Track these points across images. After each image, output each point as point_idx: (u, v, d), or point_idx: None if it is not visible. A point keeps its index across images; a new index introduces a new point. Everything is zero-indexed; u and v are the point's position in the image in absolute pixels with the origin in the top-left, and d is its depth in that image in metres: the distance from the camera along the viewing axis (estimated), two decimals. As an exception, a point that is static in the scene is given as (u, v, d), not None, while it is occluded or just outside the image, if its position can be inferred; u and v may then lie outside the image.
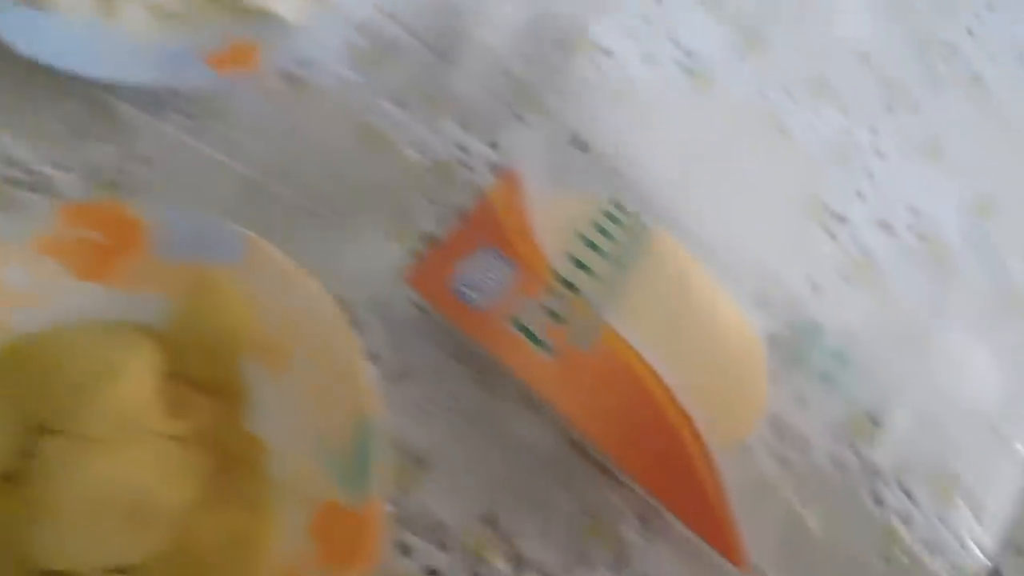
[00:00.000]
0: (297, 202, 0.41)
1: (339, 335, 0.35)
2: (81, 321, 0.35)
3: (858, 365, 0.42)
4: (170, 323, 0.35)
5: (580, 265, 0.38)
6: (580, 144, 0.43)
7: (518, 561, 0.35)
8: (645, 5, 0.50)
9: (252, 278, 0.35)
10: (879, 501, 0.39)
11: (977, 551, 0.38)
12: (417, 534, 0.35)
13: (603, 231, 0.40)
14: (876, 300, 0.45)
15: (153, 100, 0.42)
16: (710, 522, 0.35)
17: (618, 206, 0.41)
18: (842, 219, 0.46)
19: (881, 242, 0.46)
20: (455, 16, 0.47)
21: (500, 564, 0.35)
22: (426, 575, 0.34)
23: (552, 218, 0.40)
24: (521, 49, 0.47)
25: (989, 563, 0.38)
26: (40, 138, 0.41)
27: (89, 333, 0.34)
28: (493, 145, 0.44)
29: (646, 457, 0.35)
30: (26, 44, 0.40)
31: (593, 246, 0.39)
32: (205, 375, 0.35)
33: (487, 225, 0.39)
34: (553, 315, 0.37)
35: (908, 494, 0.39)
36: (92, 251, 0.35)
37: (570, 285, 0.38)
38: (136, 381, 0.32)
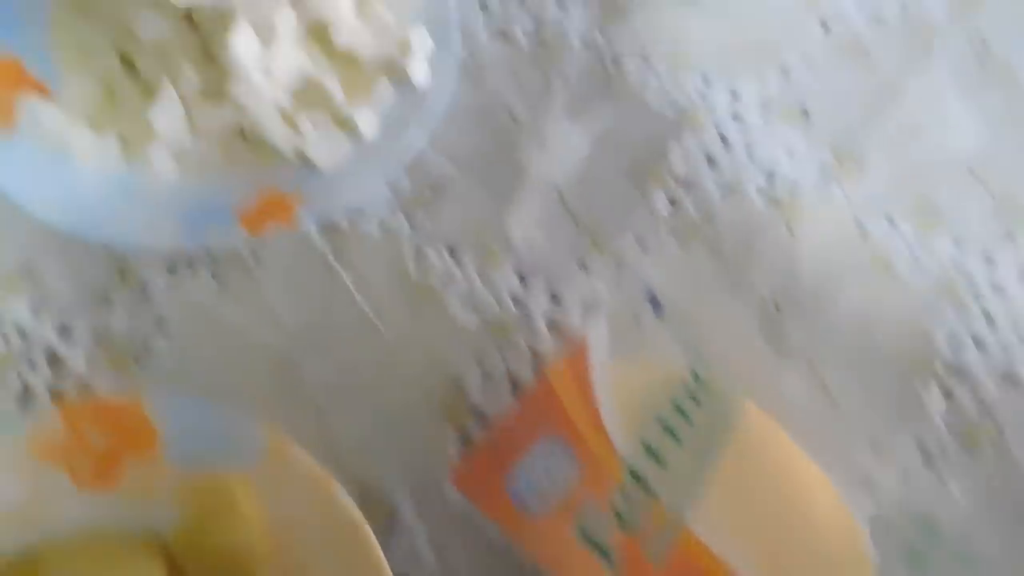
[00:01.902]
0: (331, 379, 0.37)
1: (363, 553, 0.31)
2: (80, 533, 0.31)
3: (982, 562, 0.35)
4: (178, 534, 0.32)
5: (654, 455, 0.33)
6: (655, 301, 0.38)
7: None
8: (723, 123, 0.45)
9: (270, 486, 0.32)
10: None
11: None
12: None
13: (681, 410, 0.35)
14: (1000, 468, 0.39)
15: (176, 257, 0.39)
16: None
17: (698, 378, 0.36)
18: (959, 372, 0.40)
19: (1010, 400, 0.39)
20: (512, 149, 0.43)
21: None
22: None
23: (622, 395, 0.35)
24: (587, 184, 0.42)
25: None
26: (47, 303, 0.38)
27: (89, 550, 0.31)
28: (555, 299, 0.39)
29: None
30: (38, 206, 0.37)
31: (670, 430, 0.34)
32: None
33: (547, 408, 0.35)
34: (623, 521, 0.32)
35: None
36: (96, 455, 0.32)
37: (643, 482, 0.32)
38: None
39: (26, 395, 0.36)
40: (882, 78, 0.47)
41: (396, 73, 0.42)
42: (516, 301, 0.39)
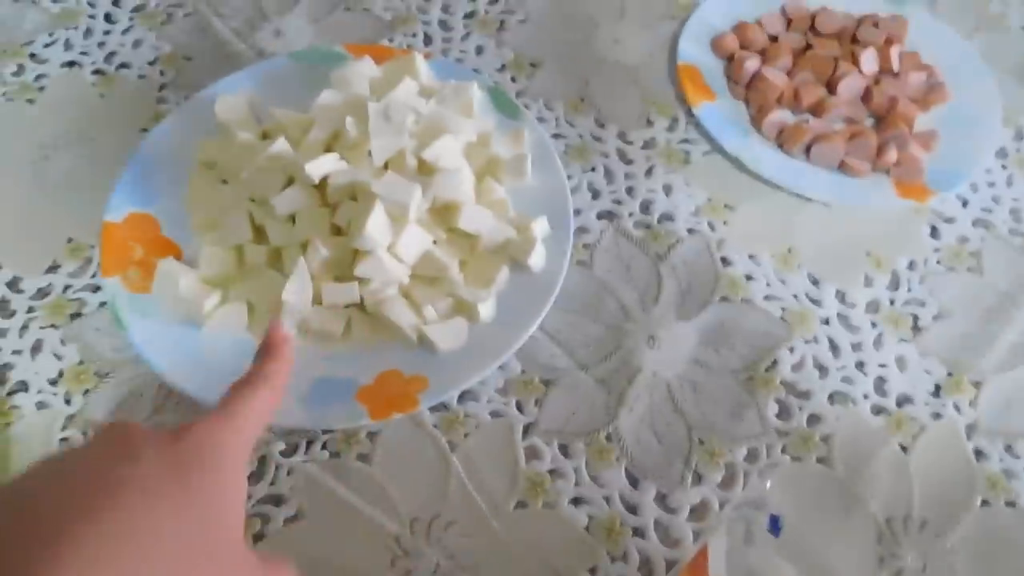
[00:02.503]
0: (443, 568, 0.36)
1: None
2: None
3: None
4: None
5: None
6: (773, 519, 0.37)
7: None
8: (833, 328, 0.45)
9: None
10: None
11: None
12: None
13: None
14: None
15: (296, 433, 0.39)
16: None
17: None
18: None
19: None
20: (622, 342, 0.43)
21: None
22: None
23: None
24: (697, 385, 0.42)
25: None
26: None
27: None
28: (666, 506, 0.39)
29: None
30: (166, 366, 0.38)
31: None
32: None
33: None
34: None
35: None
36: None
37: None
38: None
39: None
40: (996, 289, 0.47)
41: (515, 257, 0.43)
42: (626, 504, 0.39)
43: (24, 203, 0.47)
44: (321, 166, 0.41)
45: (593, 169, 0.50)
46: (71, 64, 0.53)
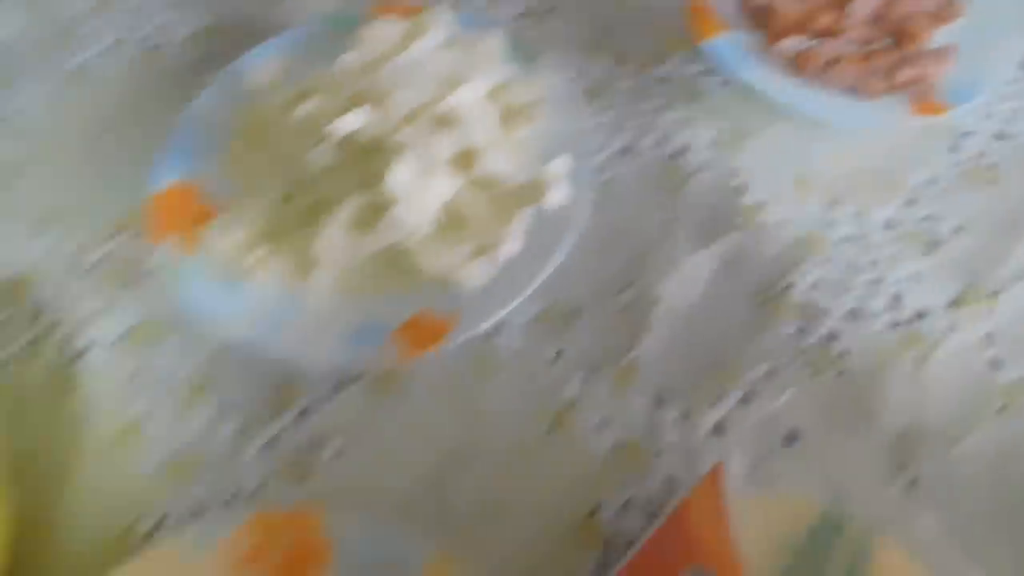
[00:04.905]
0: (475, 497, 0.39)
1: None
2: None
3: None
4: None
5: (793, 594, 0.34)
6: (791, 432, 0.39)
7: None
8: (848, 248, 0.46)
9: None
10: None
11: None
12: None
13: (817, 542, 0.35)
14: None
15: (337, 375, 0.42)
16: None
17: (834, 512, 0.36)
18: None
19: None
20: (642, 274, 0.45)
21: None
22: None
23: (758, 525, 0.36)
24: (715, 311, 0.44)
25: None
26: (224, 413, 0.42)
27: None
28: (688, 425, 0.41)
29: None
30: (216, 323, 0.41)
31: (807, 561, 0.35)
32: None
33: (686, 535, 0.36)
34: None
35: None
36: (274, 569, 0.35)
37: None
38: None
39: (206, 500, 0.39)
40: (1013, 203, 0.47)
41: (536, 198, 0.45)
42: (650, 425, 0.41)
43: (76, 178, 0.50)
44: (347, 122, 0.43)
45: (611, 108, 0.52)
46: (114, 42, 0.56)
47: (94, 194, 0.50)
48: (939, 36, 0.52)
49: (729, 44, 0.52)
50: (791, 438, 0.40)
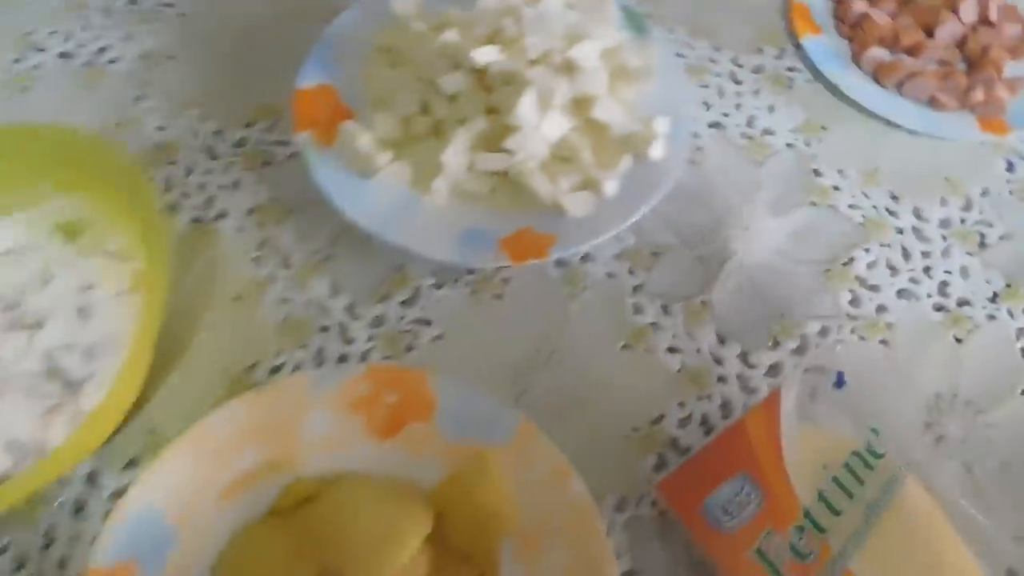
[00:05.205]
0: (555, 395, 0.44)
1: (592, 534, 0.37)
2: (365, 470, 0.39)
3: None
4: (439, 489, 0.39)
5: (829, 505, 0.39)
6: (839, 377, 0.44)
7: None
8: (906, 238, 0.51)
9: (519, 462, 0.39)
10: None
11: None
12: None
13: (853, 472, 0.41)
14: None
15: (443, 270, 0.47)
16: None
17: (871, 447, 0.41)
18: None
19: None
20: (721, 230, 0.50)
21: None
22: None
23: (804, 450, 0.41)
24: (780, 273, 0.49)
25: None
26: (341, 288, 0.47)
27: (376, 489, 0.39)
28: (746, 362, 0.46)
29: None
30: (345, 205, 0.46)
31: (844, 488, 0.40)
32: (463, 545, 0.38)
33: (740, 448, 0.41)
34: (796, 552, 0.38)
35: None
36: (387, 412, 0.40)
37: (817, 524, 0.38)
38: (414, 549, 0.36)
39: (319, 357, 0.45)
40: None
41: (637, 148, 0.50)
42: (713, 356, 0.46)
43: (229, 70, 0.56)
44: (485, 54, 0.48)
45: (707, 86, 0.57)
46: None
47: (234, 88, 0.55)
48: (1012, 67, 0.57)
49: (823, 44, 0.57)
50: (840, 379, 0.45)
